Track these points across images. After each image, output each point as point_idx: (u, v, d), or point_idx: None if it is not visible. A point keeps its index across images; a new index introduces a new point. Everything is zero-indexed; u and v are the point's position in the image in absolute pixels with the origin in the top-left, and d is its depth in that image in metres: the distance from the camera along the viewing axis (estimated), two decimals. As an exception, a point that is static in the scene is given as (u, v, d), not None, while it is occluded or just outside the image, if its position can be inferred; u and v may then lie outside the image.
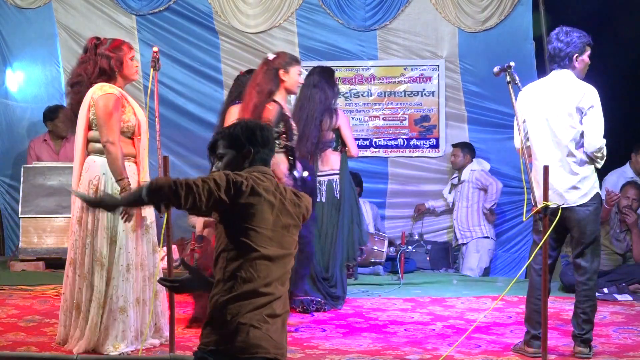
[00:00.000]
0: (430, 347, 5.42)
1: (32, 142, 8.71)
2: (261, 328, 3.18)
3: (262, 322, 3.19)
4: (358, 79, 9.01)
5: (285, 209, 3.31)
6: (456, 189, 8.72)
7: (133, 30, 8.90)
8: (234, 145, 3.39)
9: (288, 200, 3.34)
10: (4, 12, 8.91)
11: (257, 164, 3.38)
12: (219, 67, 8.94)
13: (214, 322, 3.22)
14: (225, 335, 3.17)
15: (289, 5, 8.84)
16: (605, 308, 6.68)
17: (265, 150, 3.41)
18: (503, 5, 8.70)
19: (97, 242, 5.05)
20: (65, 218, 7.99)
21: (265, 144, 3.41)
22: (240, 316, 3.17)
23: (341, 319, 6.23)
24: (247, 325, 3.16)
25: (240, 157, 3.38)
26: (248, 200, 3.19)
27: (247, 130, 3.40)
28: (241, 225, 3.21)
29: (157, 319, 5.27)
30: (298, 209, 3.38)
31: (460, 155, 8.63)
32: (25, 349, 5.14)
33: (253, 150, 3.37)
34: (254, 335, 3.17)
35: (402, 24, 8.89)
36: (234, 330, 3.16)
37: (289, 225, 3.32)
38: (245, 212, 3.20)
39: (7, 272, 7.84)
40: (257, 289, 3.20)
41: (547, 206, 4.79)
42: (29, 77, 9.06)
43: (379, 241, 8.14)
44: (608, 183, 8.19)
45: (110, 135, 5.00)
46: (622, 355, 5.24)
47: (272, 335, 3.21)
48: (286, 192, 3.36)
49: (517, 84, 5.02)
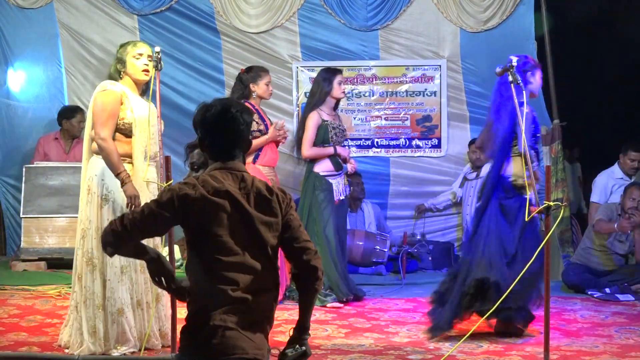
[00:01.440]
0: (432, 347, 5.41)
1: (42, 139, 8.70)
2: (237, 329, 3.13)
3: (236, 323, 3.13)
4: (360, 79, 9.01)
5: (250, 205, 3.22)
6: (470, 183, 8.60)
7: (135, 31, 8.90)
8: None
9: (254, 195, 3.24)
10: (5, 12, 8.91)
11: (220, 157, 3.31)
12: (221, 67, 8.93)
13: (190, 327, 3.18)
14: (202, 339, 3.13)
15: (290, 5, 8.84)
16: (607, 308, 6.68)
17: (214, 140, 3.30)
18: (505, 5, 8.69)
19: (88, 243, 5.06)
20: (67, 218, 8.01)
21: (209, 125, 3.29)
22: (214, 319, 3.12)
23: (343, 318, 6.23)
24: (221, 327, 3.12)
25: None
26: (188, 214, 3.15)
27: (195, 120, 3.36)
28: (203, 234, 3.17)
29: (162, 323, 5.25)
30: (271, 202, 3.27)
31: (471, 151, 8.55)
32: (27, 349, 5.15)
33: (204, 138, 3.31)
34: (230, 336, 3.11)
35: (404, 24, 8.88)
36: (209, 333, 3.12)
37: (259, 223, 3.22)
38: (194, 223, 3.17)
39: (9, 272, 7.85)
40: (229, 290, 3.13)
41: (549, 206, 4.79)
42: (30, 77, 9.05)
43: (381, 241, 8.14)
44: (598, 184, 8.19)
45: (101, 131, 5.00)
46: (624, 356, 5.23)
47: (249, 336, 3.15)
48: (252, 187, 3.25)
49: (519, 84, 5.02)
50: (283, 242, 3.30)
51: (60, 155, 8.56)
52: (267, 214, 3.25)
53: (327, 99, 6.88)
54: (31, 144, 8.90)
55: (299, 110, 8.77)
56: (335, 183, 6.84)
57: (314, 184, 6.81)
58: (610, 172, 8.24)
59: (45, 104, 9.00)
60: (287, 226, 3.29)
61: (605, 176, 8.22)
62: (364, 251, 7.87)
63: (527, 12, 8.67)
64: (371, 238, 8.00)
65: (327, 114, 6.87)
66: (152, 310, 5.12)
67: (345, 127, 7.12)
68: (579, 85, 8.40)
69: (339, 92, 6.89)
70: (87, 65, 8.96)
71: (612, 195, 8.13)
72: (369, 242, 8.01)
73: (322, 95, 6.86)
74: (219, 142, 3.30)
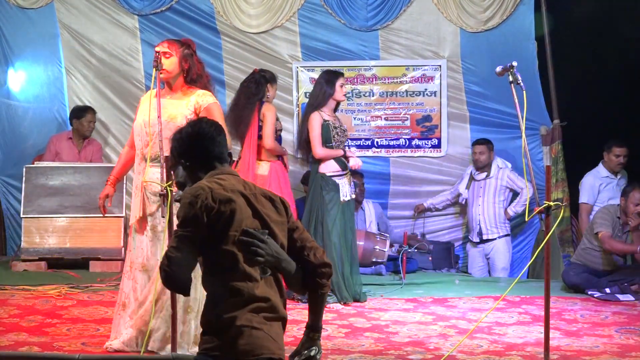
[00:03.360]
0: (432, 347, 5.42)
1: (55, 138, 8.69)
2: (262, 329, 3.16)
3: (262, 323, 3.16)
4: (360, 79, 9.01)
5: (260, 205, 3.26)
6: (479, 184, 8.54)
7: (135, 31, 8.90)
8: (176, 162, 3.44)
9: (261, 196, 3.29)
10: (6, 12, 8.90)
11: (212, 165, 3.36)
12: (221, 67, 8.92)
13: (214, 329, 3.18)
14: (228, 339, 3.13)
15: (290, 5, 8.84)
16: (607, 308, 6.69)
17: (201, 152, 3.36)
18: (505, 5, 8.68)
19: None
20: (67, 218, 8.01)
21: (193, 148, 3.36)
22: (239, 320, 3.13)
23: (343, 318, 6.23)
24: (248, 327, 3.13)
25: (188, 169, 3.39)
26: (215, 225, 3.17)
27: (174, 145, 3.43)
28: (223, 234, 3.18)
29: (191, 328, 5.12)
30: (275, 203, 3.33)
31: (486, 152, 8.45)
32: (27, 349, 5.15)
33: (186, 162, 3.38)
34: (257, 336, 3.14)
35: (404, 24, 8.87)
36: (236, 334, 3.13)
37: (270, 221, 3.27)
38: (223, 223, 3.17)
39: (9, 272, 7.85)
40: (250, 293, 3.16)
41: (549, 206, 4.79)
42: (31, 77, 9.05)
43: (381, 241, 8.14)
44: (585, 185, 8.19)
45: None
46: (624, 356, 5.24)
47: (273, 337, 3.18)
48: (256, 189, 3.32)
49: (520, 84, 5.02)
50: (293, 243, 3.34)
51: (73, 155, 8.56)
52: (274, 213, 3.30)
53: (328, 101, 6.90)
54: (31, 144, 8.91)
55: (299, 110, 8.78)
56: (342, 183, 6.86)
57: (321, 185, 6.84)
58: (595, 172, 8.26)
59: (46, 104, 9.00)
60: (295, 227, 3.36)
61: (591, 176, 8.24)
62: (364, 251, 7.86)
63: (527, 12, 8.67)
64: (371, 238, 8.00)
65: (328, 115, 6.90)
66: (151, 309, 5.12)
67: (345, 127, 7.14)
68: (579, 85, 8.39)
69: (340, 94, 6.93)
70: (87, 65, 8.96)
71: (600, 194, 8.15)
72: (369, 242, 8.01)
73: (324, 97, 6.89)
74: (209, 149, 3.36)
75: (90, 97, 8.95)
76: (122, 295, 5.22)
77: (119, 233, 7.97)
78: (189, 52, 5.24)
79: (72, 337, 5.50)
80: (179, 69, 5.20)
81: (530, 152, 8.41)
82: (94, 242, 7.95)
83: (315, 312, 3.38)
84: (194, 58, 5.26)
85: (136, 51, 8.90)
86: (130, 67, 8.92)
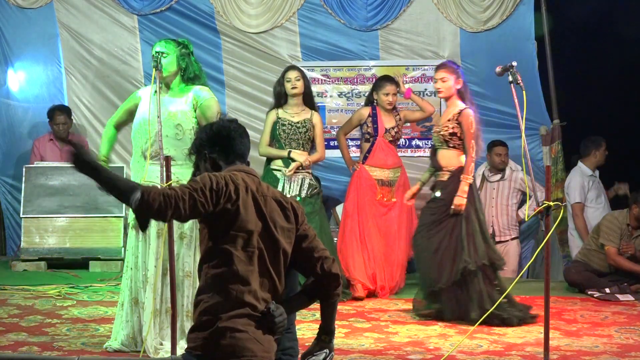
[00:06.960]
0: (432, 347, 5.42)
1: (37, 141, 8.68)
2: (247, 331, 3.13)
3: (247, 325, 3.14)
4: (360, 79, 9.00)
5: (267, 208, 3.25)
6: (492, 185, 8.42)
7: (135, 30, 8.90)
8: (197, 153, 3.42)
9: (271, 199, 3.28)
10: (5, 11, 8.90)
11: (233, 160, 3.35)
12: (221, 67, 8.92)
13: (199, 327, 3.17)
14: (211, 339, 3.12)
15: (290, 5, 8.83)
16: (607, 308, 6.69)
17: (226, 146, 3.36)
18: (505, 5, 8.68)
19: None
20: (67, 218, 8.01)
21: (218, 140, 3.36)
22: (225, 320, 3.12)
23: (343, 318, 6.22)
24: (232, 329, 3.12)
25: (207, 163, 3.37)
26: (229, 205, 3.14)
27: (201, 136, 3.42)
28: (224, 230, 3.17)
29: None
30: (286, 209, 3.31)
31: (502, 154, 8.31)
32: (27, 349, 5.15)
33: (210, 153, 3.35)
34: (240, 338, 3.11)
35: (403, 24, 8.87)
36: (219, 334, 3.12)
37: (275, 226, 3.25)
38: (227, 217, 3.16)
39: (9, 272, 7.84)
40: (242, 294, 3.14)
41: (549, 206, 4.80)
42: (30, 77, 9.05)
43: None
44: (574, 185, 8.15)
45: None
46: (624, 355, 5.24)
47: (258, 339, 3.16)
48: (269, 191, 3.31)
49: (520, 84, 5.03)
50: (301, 252, 3.32)
51: (57, 156, 8.52)
52: (282, 219, 3.28)
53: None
54: (31, 144, 8.90)
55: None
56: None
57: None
58: (579, 171, 8.24)
59: (45, 104, 8.98)
60: (305, 236, 3.34)
61: (578, 176, 8.23)
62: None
63: (527, 12, 8.67)
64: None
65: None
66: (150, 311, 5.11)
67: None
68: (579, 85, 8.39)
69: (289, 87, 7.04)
70: (87, 65, 8.95)
71: (589, 192, 8.14)
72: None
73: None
74: (234, 145, 3.36)
75: (90, 97, 8.95)
76: (122, 295, 5.22)
77: (118, 233, 7.97)
78: (186, 51, 5.28)
79: (72, 337, 5.50)
80: (177, 68, 5.25)
81: (530, 152, 8.35)
82: (94, 242, 7.95)
83: (327, 317, 3.40)
84: (190, 58, 5.33)
85: (135, 51, 8.90)
86: (130, 67, 8.91)
